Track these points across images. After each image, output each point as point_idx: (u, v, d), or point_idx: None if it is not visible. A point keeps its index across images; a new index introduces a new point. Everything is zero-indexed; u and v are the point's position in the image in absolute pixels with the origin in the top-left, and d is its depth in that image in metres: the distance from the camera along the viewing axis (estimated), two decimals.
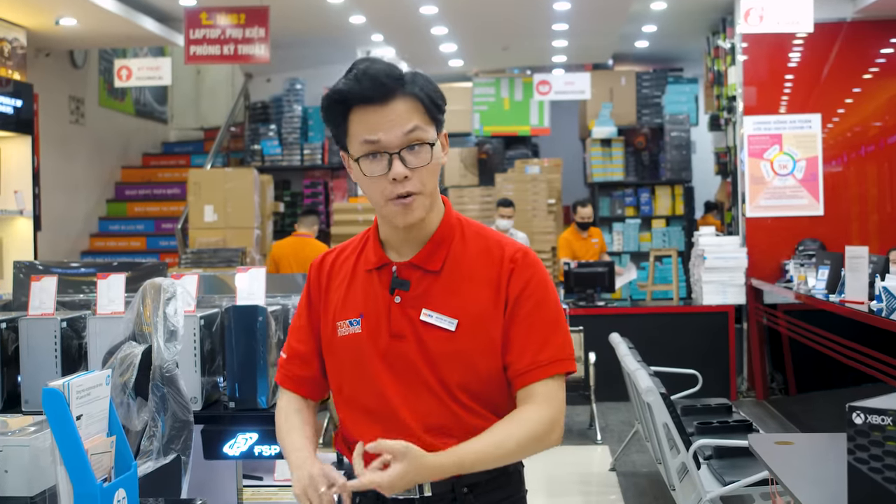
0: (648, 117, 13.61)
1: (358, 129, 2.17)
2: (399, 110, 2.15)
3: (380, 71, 2.16)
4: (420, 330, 2.22)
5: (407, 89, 2.18)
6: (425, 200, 2.21)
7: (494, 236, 2.33)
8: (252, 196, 10.44)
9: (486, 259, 2.27)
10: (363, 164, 2.18)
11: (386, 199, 2.18)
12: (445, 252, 2.27)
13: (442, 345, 2.20)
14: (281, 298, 4.45)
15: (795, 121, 9.62)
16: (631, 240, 13.36)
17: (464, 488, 2.24)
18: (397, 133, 2.15)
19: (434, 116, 2.23)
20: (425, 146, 2.18)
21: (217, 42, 9.35)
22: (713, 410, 6.36)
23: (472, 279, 2.25)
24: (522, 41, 12.09)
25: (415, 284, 2.25)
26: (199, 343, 3.81)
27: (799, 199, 9.58)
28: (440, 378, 2.21)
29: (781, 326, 8.78)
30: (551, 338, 2.23)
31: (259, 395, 3.80)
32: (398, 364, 2.24)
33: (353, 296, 2.32)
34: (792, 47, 9.72)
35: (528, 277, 2.25)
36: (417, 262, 2.26)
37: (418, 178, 2.18)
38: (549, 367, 2.21)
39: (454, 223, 2.32)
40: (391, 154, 2.15)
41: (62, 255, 11.94)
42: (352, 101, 2.16)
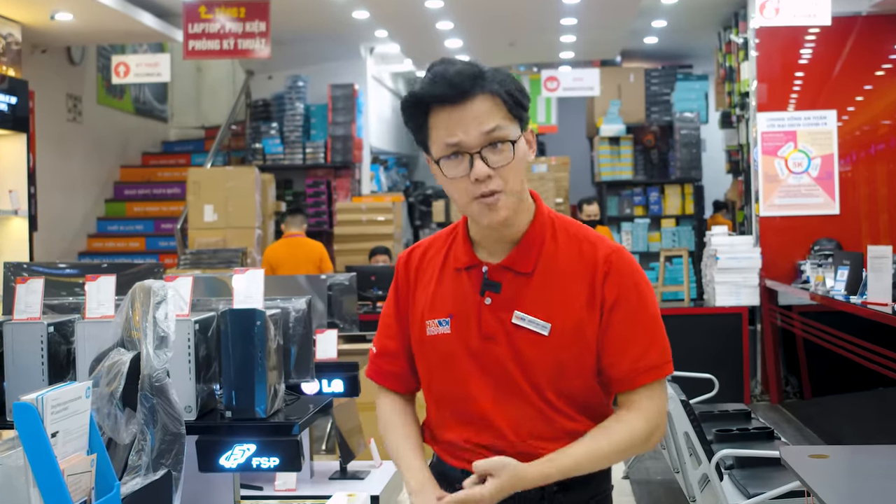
0: (657, 115, 13.47)
1: (438, 131, 2.17)
2: (478, 109, 2.14)
3: (456, 72, 2.15)
4: (512, 333, 2.21)
5: (486, 87, 2.16)
6: (510, 199, 2.18)
7: (587, 235, 2.30)
8: (253, 195, 10.24)
9: (578, 260, 2.25)
10: (444, 166, 2.18)
11: (470, 199, 2.17)
12: (537, 253, 2.25)
13: (534, 348, 2.20)
14: (281, 301, 4.25)
15: (810, 117, 9.46)
16: (640, 240, 13.21)
17: (553, 486, 2.21)
18: (477, 132, 2.14)
19: (516, 113, 2.19)
20: (507, 144, 2.16)
21: (216, 37, 9.17)
22: (731, 417, 6.15)
23: (566, 281, 2.23)
24: (529, 36, 12.01)
25: (506, 286, 2.24)
26: (193, 349, 3.60)
27: (814, 197, 9.42)
28: (532, 381, 2.21)
29: (796, 328, 8.66)
30: (652, 341, 2.23)
31: (257, 404, 3.60)
32: (489, 366, 2.23)
33: (443, 295, 2.31)
34: (807, 41, 9.56)
35: (624, 279, 2.22)
36: (509, 264, 2.25)
37: (501, 177, 2.16)
38: (650, 371, 2.21)
39: (546, 221, 2.29)
40: (472, 154, 2.14)
41: (59, 255, 11.82)
42: (431, 103, 2.16)
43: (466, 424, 2.26)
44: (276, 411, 3.73)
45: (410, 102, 2.20)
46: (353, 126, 12.67)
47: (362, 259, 10.31)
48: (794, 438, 7.79)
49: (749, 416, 6.14)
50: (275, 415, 3.68)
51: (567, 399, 2.22)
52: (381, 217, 11.55)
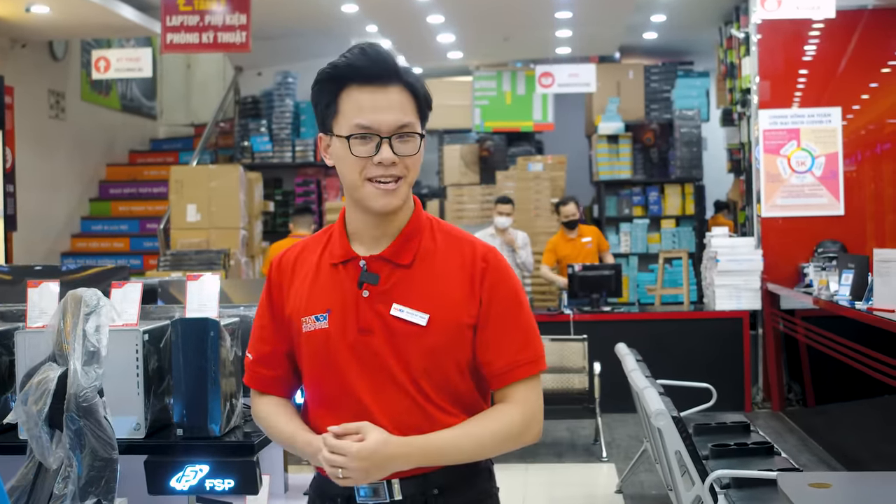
0: (657, 112, 13.27)
1: (350, 109, 2.20)
2: (395, 98, 2.20)
3: (384, 53, 2.23)
4: (390, 324, 2.23)
5: (405, 80, 2.24)
6: (405, 189, 2.25)
7: (465, 235, 2.36)
8: (237, 194, 10.00)
9: (457, 256, 2.29)
10: (353, 143, 2.20)
11: (364, 179, 2.21)
12: (416, 246, 2.29)
13: (413, 340, 2.22)
14: (244, 309, 4.02)
15: (814, 115, 9.30)
16: (639, 241, 13.04)
17: (434, 490, 2.26)
18: (391, 119, 2.20)
19: (423, 113, 2.28)
20: (415, 136, 2.23)
21: (196, 30, 8.89)
22: (729, 430, 5.87)
23: (444, 275, 2.27)
24: (524, 31, 11.84)
25: (384, 279, 2.26)
26: (141, 361, 3.40)
27: (818, 197, 9.26)
28: (410, 374, 2.23)
29: (799, 334, 8.50)
30: (527, 339, 2.28)
31: (211, 421, 3.40)
32: (366, 359, 2.25)
33: (319, 291, 2.31)
34: (810, 36, 9.38)
35: (501, 277, 2.29)
36: (387, 256, 2.27)
37: (404, 165, 2.22)
38: (526, 367, 2.27)
39: (423, 220, 2.34)
40: (382, 138, 2.19)
41: (41, 256, 11.67)
42: (350, 79, 2.20)
43: (344, 419, 2.22)
44: (234, 428, 3.49)
45: (328, 75, 2.23)
46: None
47: None
48: (796, 449, 7.62)
49: (748, 429, 5.87)
50: (231, 432, 3.47)
51: (445, 393, 2.25)
52: None
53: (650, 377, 5.48)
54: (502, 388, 2.28)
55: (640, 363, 5.89)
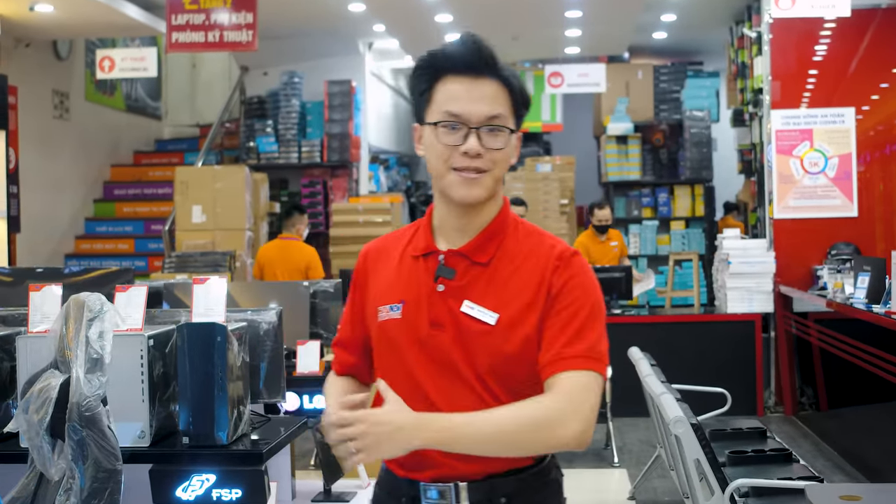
0: (667, 113, 13.28)
1: (443, 97, 2.20)
2: (489, 91, 2.18)
3: (483, 44, 2.20)
4: (460, 321, 2.21)
5: (502, 74, 2.20)
6: (490, 182, 2.21)
7: (547, 236, 2.32)
8: (243, 195, 9.89)
9: (534, 256, 2.25)
10: (441, 132, 2.20)
11: (449, 168, 2.20)
12: (497, 245, 2.26)
13: (480, 338, 2.19)
14: (251, 313, 3.89)
15: (827, 115, 9.15)
16: (648, 242, 13.04)
17: (501, 497, 2.22)
18: (482, 110, 2.18)
19: (517, 111, 2.25)
20: (504, 131, 2.20)
21: (201, 28, 8.80)
22: (746, 436, 5.76)
23: (519, 276, 2.23)
24: (533, 30, 11.83)
25: (460, 274, 2.24)
26: (146, 367, 3.31)
27: (831, 199, 9.11)
28: (476, 371, 2.19)
29: (812, 337, 8.36)
30: (584, 335, 2.17)
31: (218, 429, 3.31)
32: (435, 354, 2.22)
33: (397, 281, 2.30)
34: (823, 36, 9.24)
35: (571, 275, 2.21)
36: (466, 252, 2.25)
37: (490, 159, 2.19)
38: (574, 360, 2.14)
39: (510, 221, 2.30)
40: (470, 128, 2.18)
41: (45, 257, 11.59)
42: (446, 68, 2.20)
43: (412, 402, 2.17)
44: (241, 436, 3.40)
45: (427, 62, 2.23)
46: (351, 124, 12.32)
47: None
48: (811, 455, 7.51)
49: (764, 435, 5.75)
50: (238, 440, 3.38)
51: (511, 393, 2.19)
52: (378, 218, 11.32)
53: (666, 382, 5.36)
54: (547, 378, 2.16)
55: (655, 368, 5.77)
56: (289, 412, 4.88)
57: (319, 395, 4.88)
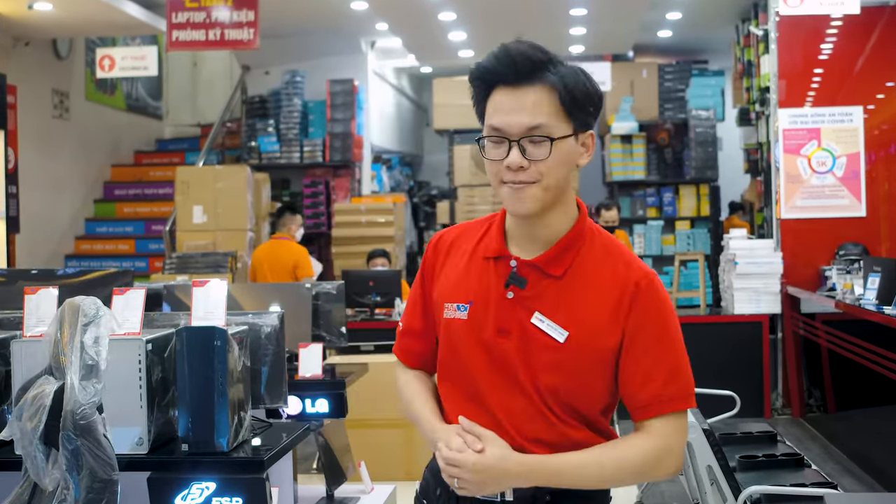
0: (672, 112, 13.15)
1: (490, 112, 2.18)
2: (531, 99, 2.13)
3: (520, 53, 2.14)
4: (528, 332, 2.19)
5: (546, 79, 2.13)
6: (540, 192, 2.17)
7: (623, 253, 2.27)
8: (244, 195, 9.79)
9: (610, 276, 2.21)
10: (486, 146, 2.20)
11: (499, 182, 2.19)
12: (571, 259, 2.23)
13: (546, 353, 2.18)
14: (252, 317, 3.79)
15: (835, 113, 9.03)
16: (653, 242, 12.94)
17: (546, 496, 2.20)
18: (521, 121, 2.13)
19: (571, 112, 2.16)
20: (546, 141, 2.14)
21: (202, 27, 8.72)
22: (756, 440, 5.63)
23: (592, 294, 2.20)
24: (537, 28, 11.63)
25: (531, 284, 2.22)
26: (144, 372, 3.22)
27: (839, 198, 9.00)
28: (536, 385, 2.19)
29: (820, 338, 8.29)
30: (675, 374, 2.19)
31: (218, 435, 3.23)
32: (498, 360, 2.22)
33: (466, 280, 2.30)
34: (831, 33, 9.13)
35: (651, 305, 2.19)
36: (539, 263, 2.22)
37: (536, 170, 2.15)
38: (671, 402, 2.18)
39: (586, 232, 2.27)
40: (510, 141, 2.15)
41: (45, 258, 11.52)
42: (489, 81, 2.17)
43: (470, 413, 2.23)
44: (242, 443, 3.31)
45: (474, 75, 2.21)
46: (353, 123, 12.22)
47: (362, 262, 9.93)
48: (820, 458, 7.41)
49: (775, 440, 5.64)
50: (239, 447, 3.29)
51: (569, 410, 2.20)
52: (381, 218, 11.23)
53: None
54: (642, 420, 2.20)
55: None
56: (291, 416, 4.82)
57: (322, 399, 4.81)
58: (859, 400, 7.73)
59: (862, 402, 7.68)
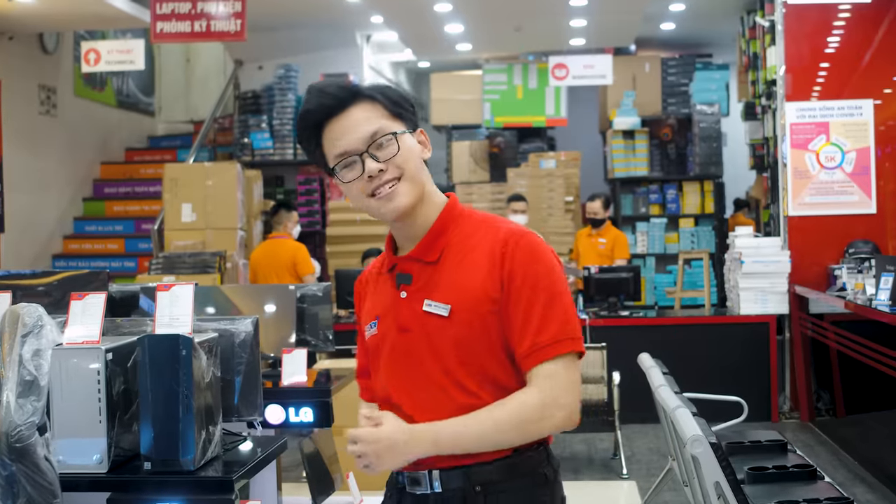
0: (675, 107, 13.02)
1: (328, 146, 2.30)
2: (357, 116, 2.27)
3: (333, 85, 2.31)
4: (423, 321, 2.28)
5: (363, 94, 2.30)
6: (408, 186, 2.27)
7: (495, 220, 2.36)
8: (235, 193, 9.51)
9: (480, 242, 2.30)
10: (340, 174, 2.29)
11: (366, 196, 2.28)
12: (444, 242, 2.32)
13: (441, 332, 2.26)
14: (225, 323, 3.53)
15: (844, 107, 8.81)
16: (656, 241, 12.77)
17: (476, 487, 2.25)
18: (359, 136, 2.26)
19: (397, 113, 2.31)
20: (390, 137, 2.27)
21: (187, 18, 8.46)
22: (765, 449, 5.37)
23: (468, 264, 2.29)
24: (536, 20, 11.49)
25: (416, 277, 2.32)
26: (104, 384, 2.98)
27: (848, 195, 8.79)
28: (442, 365, 2.26)
29: (829, 339, 8.07)
30: (550, 317, 2.23)
31: (183, 453, 3.00)
32: (402, 358, 2.31)
33: (374, 300, 2.42)
34: (840, 24, 8.90)
35: (523, 255, 2.26)
36: (415, 255, 2.33)
37: (394, 166, 2.26)
38: (548, 348, 2.22)
39: (455, 214, 2.36)
40: (360, 155, 2.26)
41: (32, 259, 11.26)
42: (318, 120, 2.29)
43: None
44: (211, 460, 3.08)
45: (301, 126, 2.33)
46: None
47: (357, 262, 9.71)
48: (831, 465, 7.22)
49: (785, 449, 5.37)
50: (209, 465, 3.14)
51: (486, 383, 2.26)
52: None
53: (680, 393, 4.99)
54: (527, 371, 2.25)
55: (668, 377, 5.40)
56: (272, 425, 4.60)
57: (306, 408, 4.61)
58: (870, 404, 7.51)
59: (873, 406, 7.45)
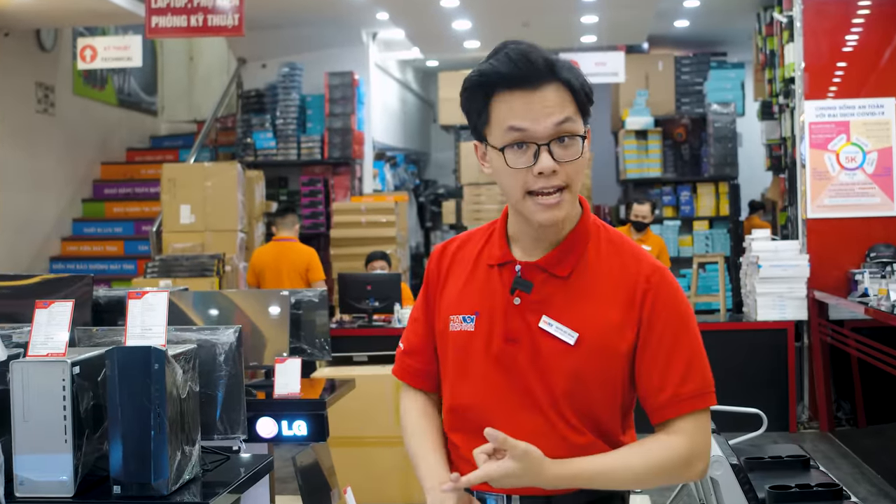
0: (689, 106, 12.83)
1: (503, 116, 2.09)
2: (550, 98, 2.08)
3: (532, 51, 2.09)
4: (537, 337, 2.15)
5: (560, 76, 2.09)
6: (571, 198, 2.14)
7: (631, 247, 2.24)
8: (235, 194, 9.29)
9: (619, 272, 2.18)
10: (508, 154, 2.10)
11: (524, 193, 2.11)
12: (577, 258, 2.19)
13: (557, 357, 2.13)
14: (208, 333, 3.38)
15: (865, 105, 8.57)
16: (670, 244, 12.46)
17: None
18: (548, 123, 2.07)
19: (584, 109, 2.15)
20: (576, 139, 2.11)
21: (183, 12, 8.24)
22: (786, 465, 5.08)
23: (602, 292, 2.16)
24: (546, 16, 11.24)
25: (538, 287, 2.18)
26: (69, 400, 2.80)
27: (870, 196, 8.55)
28: (551, 393, 2.14)
29: (850, 346, 7.82)
30: (694, 368, 2.14)
31: (155, 476, 2.81)
32: (508, 369, 2.17)
33: (471, 290, 2.25)
34: (860, 20, 8.66)
35: (665, 300, 2.15)
36: (544, 265, 2.18)
37: (566, 173, 2.10)
38: (691, 400, 2.13)
39: (591, 228, 2.23)
40: (539, 145, 2.08)
41: (29, 261, 11.07)
42: (498, 85, 2.09)
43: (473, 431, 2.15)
44: (188, 482, 2.92)
45: (475, 82, 2.12)
46: (353, 118, 11.69)
47: (361, 265, 9.49)
48: (852, 478, 6.92)
49: (808, 465, 5.08)
50: (185, 488, 2.90)
51: (582, 416, 2.15)
52: (382, 218, 10.80)
53: None
54: (663, 421, 2.14)
55: None
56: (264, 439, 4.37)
57: (300, 421, 4.39)
58: (893, 414, 7.27)
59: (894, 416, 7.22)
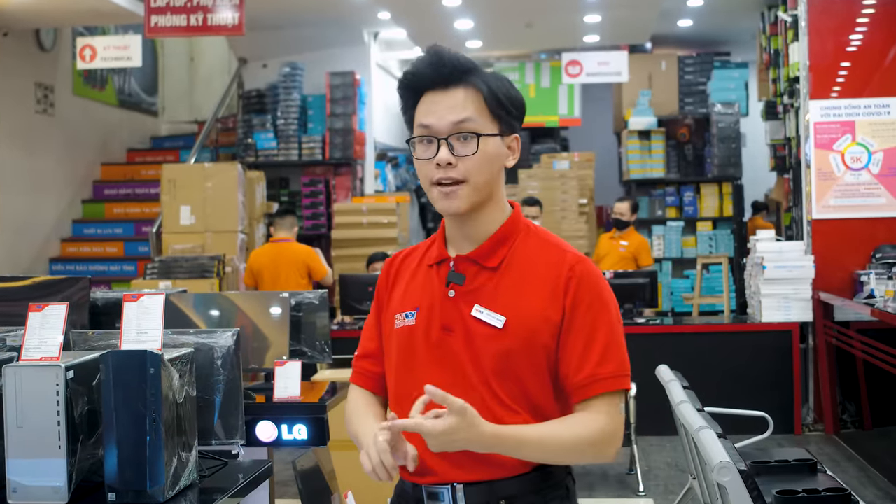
0: (692, 106, 12.82)
1: (419, 115, 2.28)
2: (456, 99, 2.24)
3: (450, 54, 2.28)
4: (469, 325, 2.27)
5: (472, 81, 2.26)
6: (469, 191, 2.26)
7: (556, 241, 2.38)
8: (235, 194, 9.24)
9: (545, 263, 2.31)
10: (416, 147, 2.29)
11: (430, 183, 2.27)
12: (506, 251, 2.32)
13: (487, 340, 2.25)
14: (205, 337, 3.32)
15: (871, 105, 8.49)
16: (673, 245, 12.49)
17: (501, 500, 2.26)
18: (448, 119, 2.24)
19: (497, 113, 2.28)
20: (473, 136, 2.25)
21: (183, 11, 8.20)
22: (793, 470, 5.00)
23: (529, 281, 2.29)
24: (548, 16, 11.21)
25: (470, 279, 2.31)
26: (63, 405, 2.75)
27: (875, 197, 8.47)
28: (482, 374, 2.25)
29: (855, 348, 7.78)
30: (612, 351, 2.25)
31: (151, 483, 2.75)
32: (444, 358, 2.29)
33: (413, 289, 2.38)
34: (866, 19, 8.58)
35: (587, 288, 2.28)
36: (475, 257, 2.32)
37: (464, 167, 2.25)
38: (608, 381, 2.24)
39: (520, 227, 2.37)
40: (439, 140, 2.25)
41: (28, 262, 11.02)
42: (421, 86, 2.27)
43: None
44: (185, 489, 2.88)
45: (405, 84, 2.30)
46: (354, 118, 11.65)
47: (363, 266, 9.45)
48: (858, 482, 6.83)
49: (815, 469, 5.01)
50: (180, 495, 2.85)
51: (515, 397, 2.25)
52: (383, 219, 10.73)
53: (703, 411, 4.63)
54: (582, 401, 2.24)
55: (689, 391, 5.05)
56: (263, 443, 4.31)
57: (300, 425, 4.34)
58: None
59: None
